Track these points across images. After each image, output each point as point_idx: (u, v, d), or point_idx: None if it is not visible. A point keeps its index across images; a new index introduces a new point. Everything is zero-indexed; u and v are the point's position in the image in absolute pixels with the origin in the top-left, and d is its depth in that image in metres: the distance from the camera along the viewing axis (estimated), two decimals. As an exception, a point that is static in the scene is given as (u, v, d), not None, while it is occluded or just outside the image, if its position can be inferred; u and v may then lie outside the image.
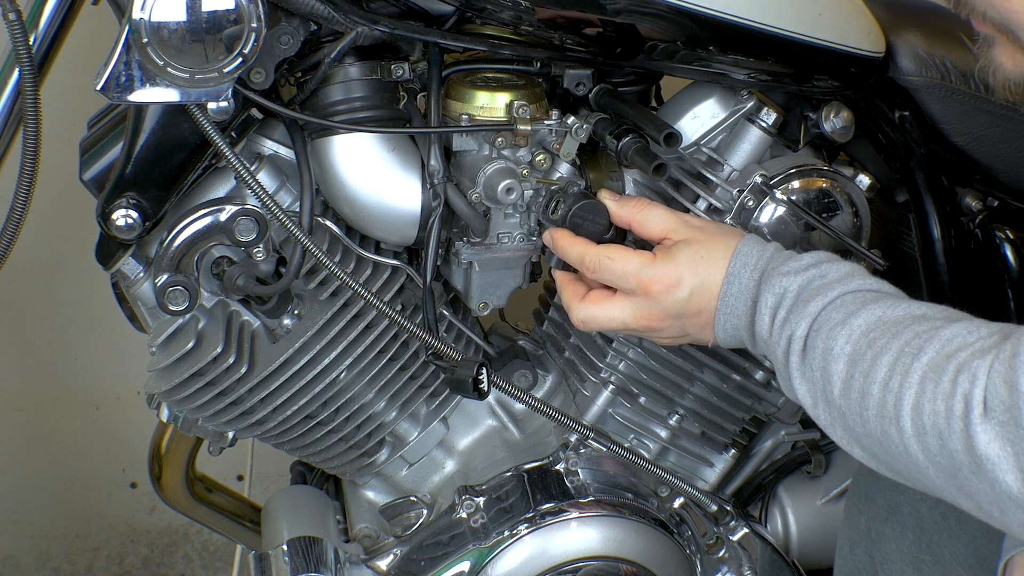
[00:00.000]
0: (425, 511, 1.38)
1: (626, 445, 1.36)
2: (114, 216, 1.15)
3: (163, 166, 1.15)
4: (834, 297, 1.04)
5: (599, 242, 1.20)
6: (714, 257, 1.12)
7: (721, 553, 1.41)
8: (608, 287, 1.18)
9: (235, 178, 1.21)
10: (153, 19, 1.02)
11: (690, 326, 1.15)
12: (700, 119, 1.27)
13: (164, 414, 1.38)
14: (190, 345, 1.22)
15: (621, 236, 1.23)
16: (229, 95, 1.09)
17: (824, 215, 1.26)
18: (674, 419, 1.39)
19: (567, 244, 1.19)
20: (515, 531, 1.31)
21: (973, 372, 0.88)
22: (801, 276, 1.07)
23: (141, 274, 1.23)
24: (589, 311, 1.18)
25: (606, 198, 1.21)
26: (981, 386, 0.87)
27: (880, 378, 0.95)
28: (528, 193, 1.23)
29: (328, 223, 1.21)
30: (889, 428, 0.94)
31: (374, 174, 1.19)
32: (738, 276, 1.11)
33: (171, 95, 1.07)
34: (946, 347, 0.92)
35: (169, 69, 1.04)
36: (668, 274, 1.13)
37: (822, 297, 1.04)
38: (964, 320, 0.96)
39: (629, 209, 1.19)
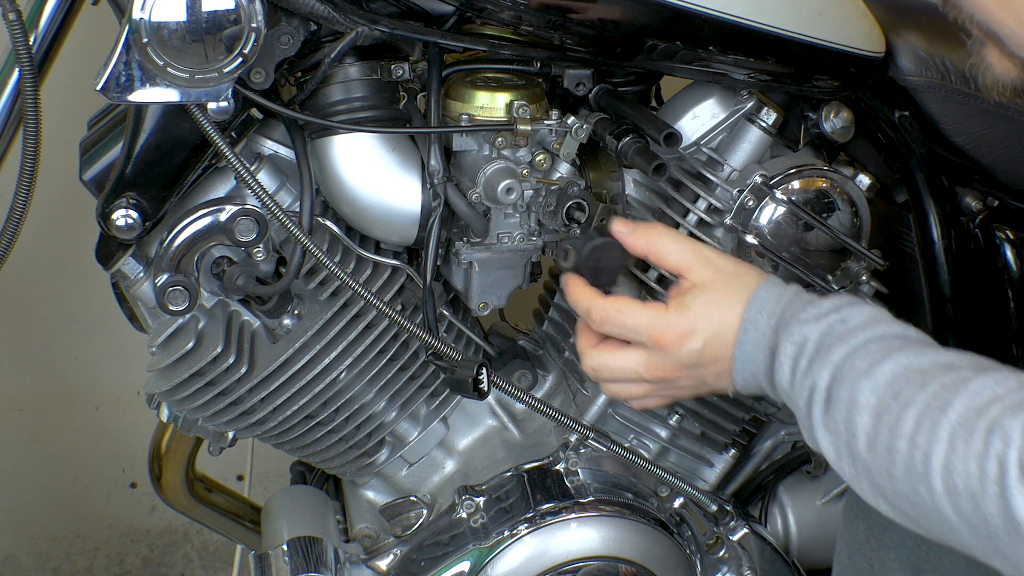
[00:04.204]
0: (425, 511, 1.38)
1: (626, 445, 1.36)
2: (114, 216, 1.15)
3: (163, 166, 1.15)
4: (858, 345, 0.99)
5: (620, 271, 1.18)
6: (730, 303, 1.08)
7: (721, 553, 1.41)
8: None
9: (235, 178, 1.21)
10: (153, 19, 1.02)
11: (707, 374, 1.11)
12: (700, 119, 1.27)
13: (164, 414, 1.37)
14: (190, 345, 1.22)
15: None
16: (229, 95, 1.08)
17: (824, 215, 1.26)
18: (674, 419, 1.38)
19: (576, 295, 1.16)
20: (515, 531, 1.31)
21: (1006, 431, 0.84)
22: (822, 323, 1.02)
23: (141, 274, 1.23)
24: (601, 359, 1.15)
25: (618, 227, 1.16)
26: (1016, 447, 0.83)
27: (907, 433, 0.90)
28: (528, 193, 1.23)
29: (328, 223, 1.21)
30: (918, 486, 0.89)
31: (374, 174, 1.19)
32: (754, 323, 1.07)
33: (171, 95, 1.07)
34: (974, 400, 0.88)
35: (169, 69, 1.04)
36: (680, 325, 1.09)
37: (845, 344, 0.99)
38: (992, 371, 0.91)
39: (644, 241, 1.15)
